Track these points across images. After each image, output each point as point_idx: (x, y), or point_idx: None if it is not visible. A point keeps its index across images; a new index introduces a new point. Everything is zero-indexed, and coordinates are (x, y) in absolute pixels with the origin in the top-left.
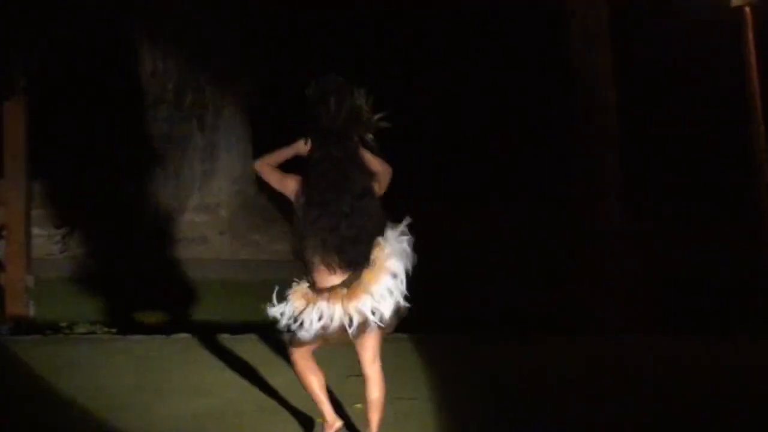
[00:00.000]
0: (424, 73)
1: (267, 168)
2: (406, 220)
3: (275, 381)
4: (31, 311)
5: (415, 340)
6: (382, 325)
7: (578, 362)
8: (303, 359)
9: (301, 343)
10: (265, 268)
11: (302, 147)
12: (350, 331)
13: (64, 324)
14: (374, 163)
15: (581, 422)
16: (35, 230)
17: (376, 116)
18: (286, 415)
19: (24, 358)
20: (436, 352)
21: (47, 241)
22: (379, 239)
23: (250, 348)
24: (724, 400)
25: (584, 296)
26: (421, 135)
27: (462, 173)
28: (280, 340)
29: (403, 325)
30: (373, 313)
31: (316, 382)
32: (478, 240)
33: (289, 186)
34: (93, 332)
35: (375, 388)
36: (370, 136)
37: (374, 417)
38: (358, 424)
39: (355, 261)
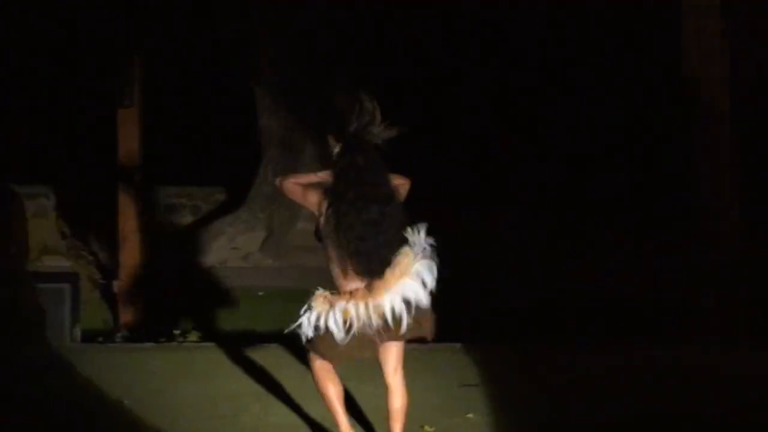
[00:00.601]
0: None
1: (290, 185)
2: (425, 231)
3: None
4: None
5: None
6: (404, 325)
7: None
8: (323, 370)
9: (324, 352)
10: None
11: (329, 179)
12: (372, 330)
13: (177, 332)
14: (393, 176)
15: None
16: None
17: (387, 123)
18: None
19: (138, 365)
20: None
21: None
22: (406, 247)
23: None
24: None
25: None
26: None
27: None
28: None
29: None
30: (394, 313)
31: (333, 390)
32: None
33: (312, 199)
34: (206, 340)
35: (397, 398)
36: (380, 141)
37: (396, 426)
38: None
39: (380, 267)
